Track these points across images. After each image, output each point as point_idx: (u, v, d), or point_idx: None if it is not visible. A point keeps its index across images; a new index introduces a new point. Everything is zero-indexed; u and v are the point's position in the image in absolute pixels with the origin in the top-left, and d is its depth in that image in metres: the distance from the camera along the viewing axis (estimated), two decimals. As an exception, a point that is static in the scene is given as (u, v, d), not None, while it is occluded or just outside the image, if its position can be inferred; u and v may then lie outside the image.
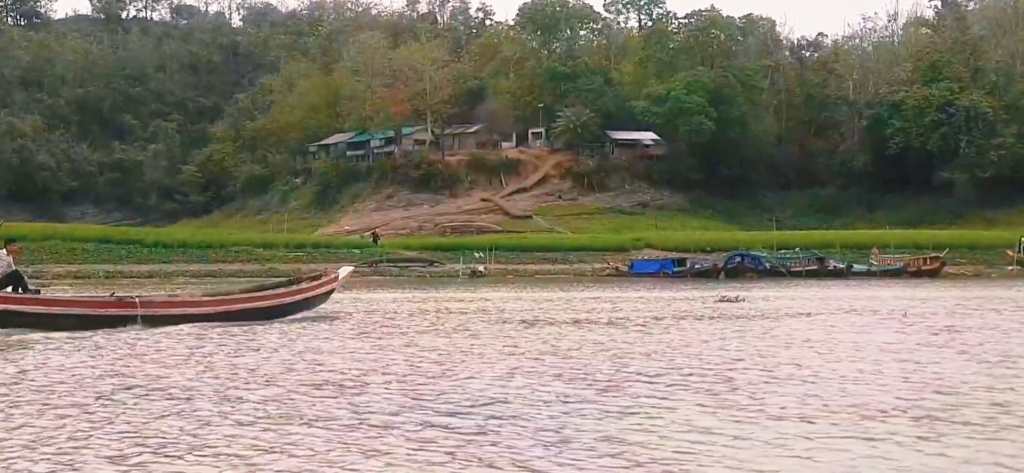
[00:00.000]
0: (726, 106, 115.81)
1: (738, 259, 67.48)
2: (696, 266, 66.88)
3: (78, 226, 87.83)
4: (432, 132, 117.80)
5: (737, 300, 29.61)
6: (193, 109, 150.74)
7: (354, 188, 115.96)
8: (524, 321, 21.56)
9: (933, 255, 68.17)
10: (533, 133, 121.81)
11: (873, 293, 38.59)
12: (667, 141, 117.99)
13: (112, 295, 21.75)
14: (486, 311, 25.17)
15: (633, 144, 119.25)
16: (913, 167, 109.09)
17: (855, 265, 69.18)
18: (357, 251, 77.42)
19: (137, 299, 20.82)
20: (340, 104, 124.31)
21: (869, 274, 66.14)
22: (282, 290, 23.67)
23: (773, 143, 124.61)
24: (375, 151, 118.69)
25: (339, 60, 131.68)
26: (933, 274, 64.99)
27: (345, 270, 26.66)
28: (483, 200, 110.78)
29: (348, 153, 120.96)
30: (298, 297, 23.36)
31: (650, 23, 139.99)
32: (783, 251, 74.92)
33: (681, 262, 68.16)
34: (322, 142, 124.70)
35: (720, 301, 29.39)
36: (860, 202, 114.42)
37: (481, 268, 69.56)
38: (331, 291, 24.58)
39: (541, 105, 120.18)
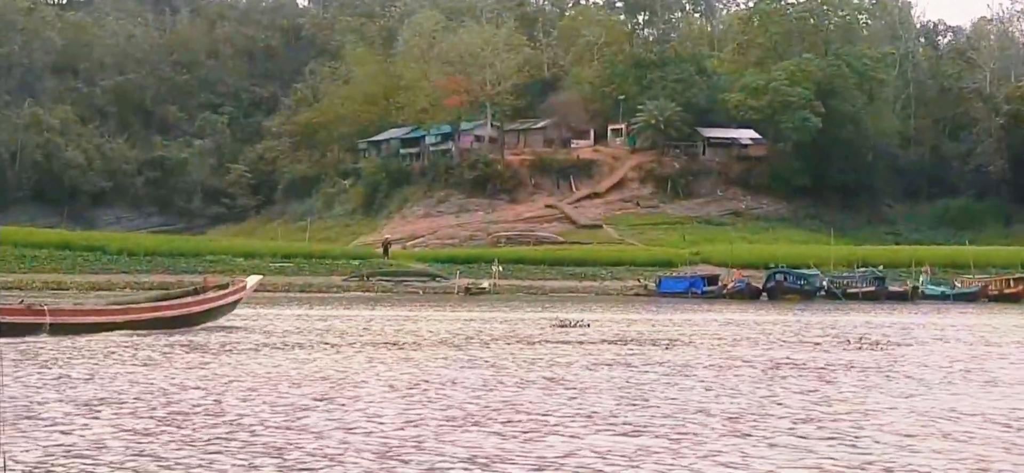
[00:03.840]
0: (837, 100, 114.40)
1: (778, 277, 67.12)
2: (735, 285, 66.96)
3: (36, 230, 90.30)
4: (492, 127, 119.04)
5: (576, 326, 29.71)
6: (247, 100, 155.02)
7: (404, 191, 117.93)
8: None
9: (1018, 276, 66.61)
10: (612, 130, 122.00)
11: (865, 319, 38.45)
12: (768, 141, 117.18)
13: (21, 302, 24.72)
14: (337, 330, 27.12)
15: (728, 143, 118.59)
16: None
17: (929, 287, 68.48)
18: (356, 262, 79.01)
19: (46, 308, 23.87)
20: (397, 95, 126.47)
21: (942, 298, 65.40)
22: (189, 299, 27.09)
23: (897, 144, 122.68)
24: (430, 149, 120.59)
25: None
26: (1017, 299, 63.57)
27: (253, 280, 30.09)
28: (547, 206, 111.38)
29: (401, 151, 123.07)
30: (204, 307, 26.90)
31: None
32: (864, 270, 73.83)
33: (713, 280, 68.32)
34: (373, 138, 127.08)
35: (558, 326, 29.69)
36: (996, 215, 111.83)
37: (484, 284, 70.47)
38: (237, 301, 28.13)
39: (622, 97, 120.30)
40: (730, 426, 11.15)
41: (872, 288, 65.78)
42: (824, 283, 67.98)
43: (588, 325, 30.17)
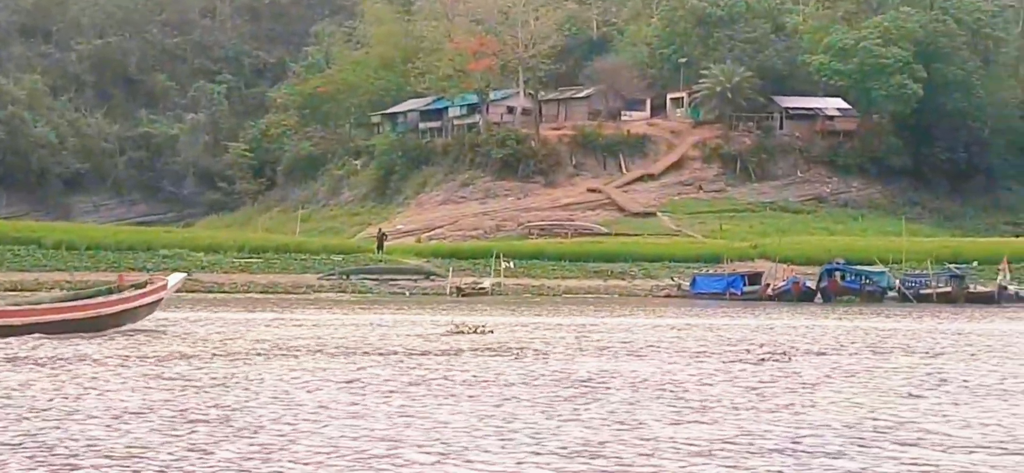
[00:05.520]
0: (943, 63, 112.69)
1: (834, 276, 66.02)
2: (782, 285, 66.35)
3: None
4: (526, 96, 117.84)
5: (476, 331, 29.60)
6: (249, 67, 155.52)
7: (423, 173, 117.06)
8: None
9: None
10: (672, 99, 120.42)
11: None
12: (859, 112, 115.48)
13: None
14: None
15: (810, 115, 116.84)
16: None
17: None
18: (339, 258, 78.78)
19: None
20: (417, 59, 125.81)
21: None
22: (100, 300, 28.94)
23: (1020, 116, 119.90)
24: (454, 122, 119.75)
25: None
26: None
27: (174, 279, 31.68)
28: (590, 191, 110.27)
29: (421, 125, 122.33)
30: (117, 309, 28.79)
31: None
32: (952, 268, 72.64)
33: (754, 279, 67.66)
34: (389, 110, 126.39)
35: (453, 332, 29.61)
36: None
37: (486, 284, 70.16)
38: (158, 301, 30.07)
39: (684, 60, 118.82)
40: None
41: (948, 289, 64.25)
42: (895, 282, 66.70)
43: (491, 331, 29.97)
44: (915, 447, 12.50)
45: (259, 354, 23.45)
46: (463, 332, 29.44)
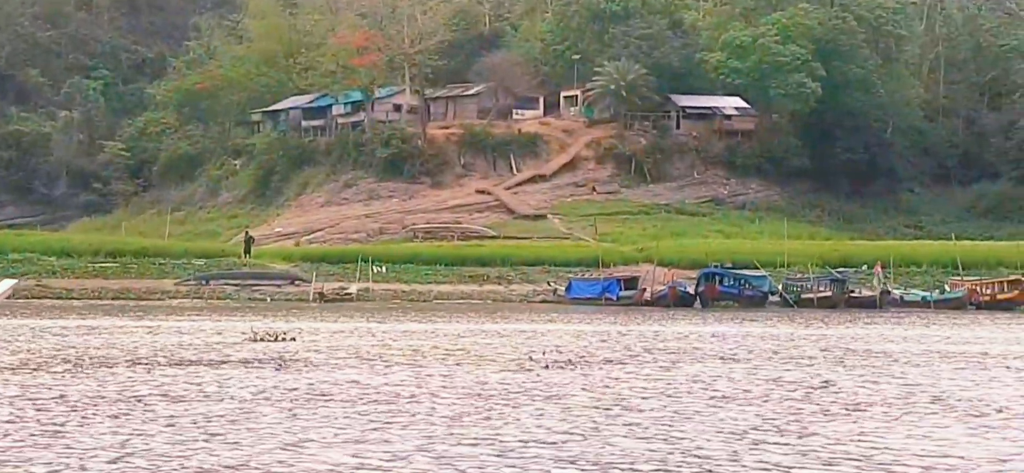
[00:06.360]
0: (842, 61, 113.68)
1: (713, 278, 66.47)
2: (660, 291, 66.76)
3: None
4: (413, 94, 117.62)
5: (278, 340, 29.62)
6: (127, 62, 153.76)
7: (304, 173, 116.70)
8: None
9: (1013, 278, 65.61)
10: (565, 97, 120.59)
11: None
12: (758, 111, 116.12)
13: None
14: None
15: (708, 114, 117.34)
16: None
17: (914, 292, 68.20)
18: (201, 262, 78.46)
19: None
20: (300, 55, 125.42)
21: (922, 305, 65.18)
22: None
23: (922, 117, 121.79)
24: (338, 121, 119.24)
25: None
26: (1011, 306, 63.13)
27: (5, 285, 33.17)
28: (479, 192, 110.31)
29: (303, 124, 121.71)
30: None
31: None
32: (837, 271, 73.36)
33: (630, 283, 67.72)
34: (271, 108, 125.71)
35: (251, 340, 29.55)
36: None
37: (352, 289, 70.35)
38: None
39: (577, 57, 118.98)
40: None
41: (828, 293, 64.86)
42: (776, 286, 67.46)
43: (293, 339, 30.18)
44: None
45: (8, 367, 22.98)
46: (262, 340, 29.33)
